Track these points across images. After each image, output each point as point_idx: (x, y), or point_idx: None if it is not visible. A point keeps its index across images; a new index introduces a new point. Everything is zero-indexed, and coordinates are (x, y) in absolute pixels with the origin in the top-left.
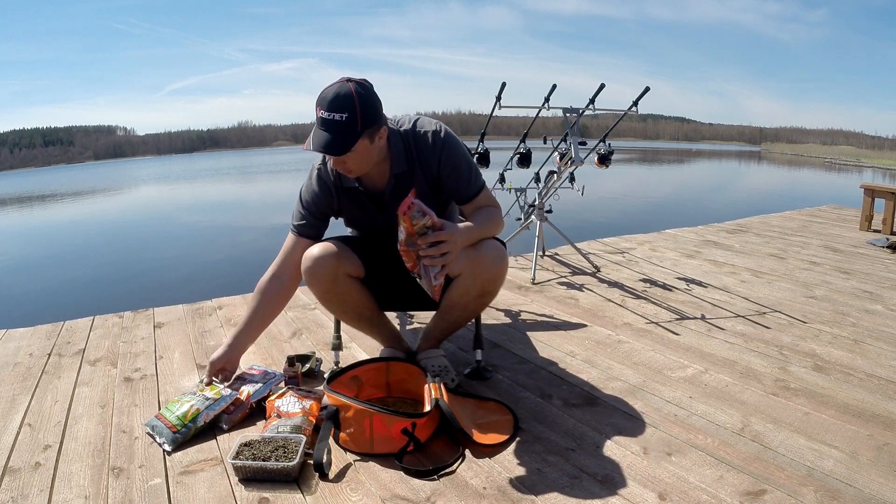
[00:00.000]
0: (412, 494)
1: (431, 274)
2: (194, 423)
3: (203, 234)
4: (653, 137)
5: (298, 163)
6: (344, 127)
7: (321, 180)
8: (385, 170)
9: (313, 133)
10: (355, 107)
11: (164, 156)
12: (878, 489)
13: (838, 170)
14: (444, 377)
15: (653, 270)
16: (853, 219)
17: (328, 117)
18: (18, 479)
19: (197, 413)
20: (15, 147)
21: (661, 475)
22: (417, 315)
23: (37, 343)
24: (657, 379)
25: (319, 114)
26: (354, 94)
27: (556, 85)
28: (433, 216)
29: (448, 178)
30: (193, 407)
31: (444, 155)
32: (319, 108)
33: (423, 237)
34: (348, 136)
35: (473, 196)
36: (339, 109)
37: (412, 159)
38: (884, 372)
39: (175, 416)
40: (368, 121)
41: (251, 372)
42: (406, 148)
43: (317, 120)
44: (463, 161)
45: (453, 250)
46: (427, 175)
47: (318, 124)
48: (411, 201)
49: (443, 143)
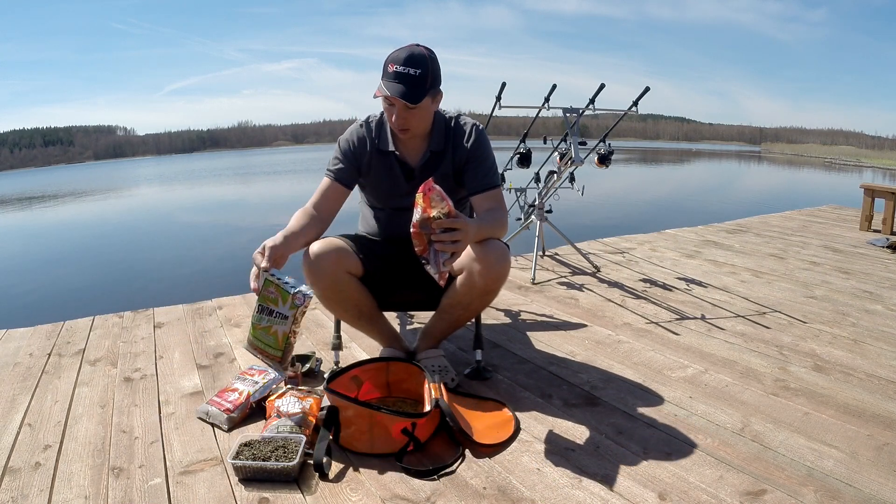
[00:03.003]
0: (412, 494)
1: (441, 260)
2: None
3: (203, 234)
4: (653, 137)
5: (298, 163)
6: (417, 81)
7: (360, 136)
8: (423, 144)
9: (385, 85)
10: (427, 66)
11: (164, 156)
12: (878, 489)
13: (838, 170)
14: (444, 377)
15: (653, 270)
16: (853, 219)
17: (404, 71)
18: (18, 479)
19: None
20: (15, 147)
21: (661, 475)
22: (417, 315)
23: (37, 343)
24: (657, 379)
25: (394, 69)
26: (427, 55)
27: (556, 85)
28: (450, 204)
29: (471, 164)
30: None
31: (476, 143)
32: (393, 65)
33: (438, 222)
34: (420, 89)
35: (487, 189)
36: (415, 65)
37: (449, 141)
38: (884, 372)
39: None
40: (436, 81)
41: (250, 373)
42: (447, 130)
43: (388, 74)
44: (490, 154)
45: (464, 240)
46: (457, 159)
47: (389, 78)
48: (432, 184)
49: (478, 133)
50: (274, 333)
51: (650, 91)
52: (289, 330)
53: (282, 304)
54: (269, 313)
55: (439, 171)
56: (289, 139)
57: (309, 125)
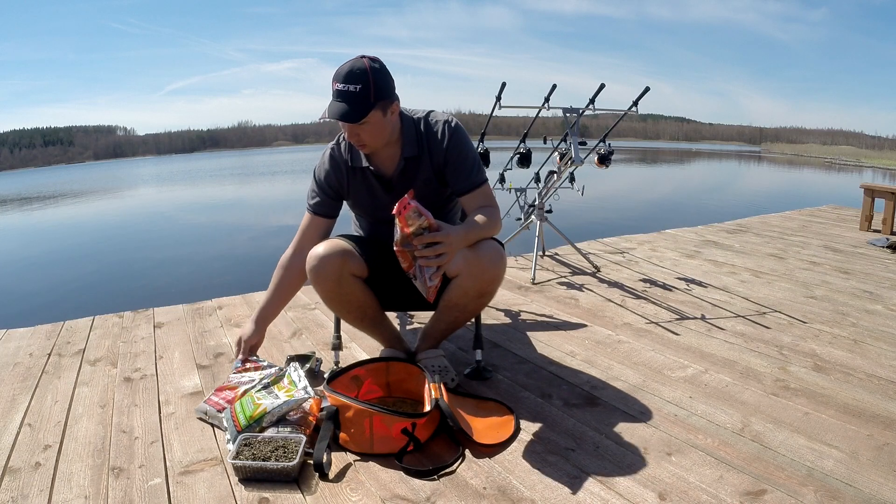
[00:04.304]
0: (412, 494)
1: (427, 275)
2: (258, 423)
3: (203, 234)
4: (653, 137)
5: (298, 163)
6: (358, 97)
7: (333, 159)
8: (396, 153)
9: (329, 105)
10: (369, 79)
11: (164, 156)
12: (878, 489)
13: (838, 170)
14: (444, 377)
15: (653, 270)
16: (853, 219)
17: (343, 88)
18: (18, 479)
19: (263, 413)
20: (15, 147)
21: (661, 475)
22: (417, 315)
23: (37, 343)
24: (657, 379)
25: (335, 87)
26: (368, 68)
27: (556, 85)
28: (430, 217)
29: (452, 165)
30: (261, 406)
31: (453, 142)
32: (335, 82)
33: (419, 237)
34: (362, 105)
35: (474, 188)
36: (354, 81)
37: (422, 145)
38: (884, 372)
39: (244, 416)
40: (381, 93)
41: (246, 368)
42: (417, 134)
43: (333, 93)
44: (469, 152)
45: (449, 251)
46: (434, 162)
47: (333, 97)
48: (408, 202)
49: (453, 131)
50: (257, 407)
51: (650, 91)
52: (269, 409)
53: (281, 392)
54: (267, 391)
55: (419, 177)
56: (289, 139)
57: (309, 125)
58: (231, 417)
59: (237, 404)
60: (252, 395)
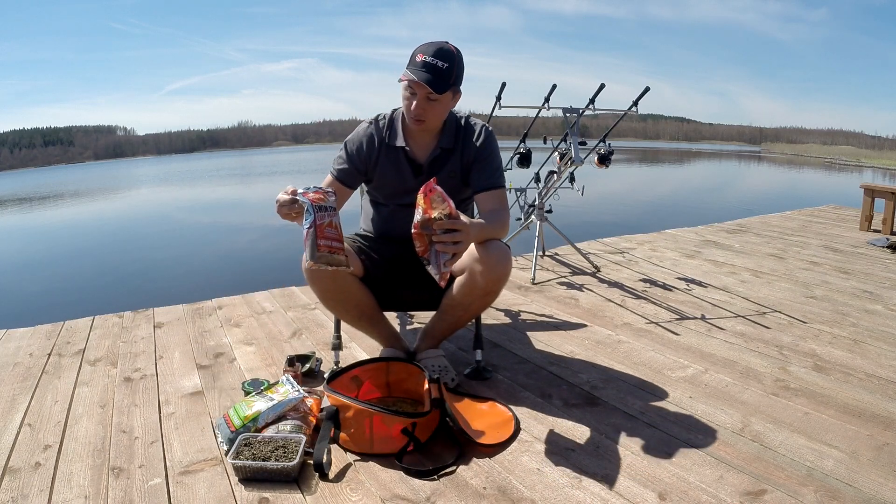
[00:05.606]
0: (412, 494)
1: (441, 261)
2: (254, 423)
3: (203, 234)
4: (653, 137)
5: (298, 163)
6: (444, 73)
7: (369, 134)
8: (433, 140)
9: (412, 71)
10: (454, 61)
11: (163, 156)
12: (878, 489)
13: (838, 170)
14: (444, 377)
15: (653, 270)
16: (853, 219)
17: (432, 62)
18: (18, 479)
19: (258, 414)
20: (15, 147)
21: (661, 475)
22: (417, 315)
23: (37, 343)
24: (657, 379)
25: (422, 58)
26: (455, 52)
27: (556, 85)
28: (451, 205)
29: (479, 163)
30: (255, 408)
31: (485, 143)
32: (422, 55)
33: (439, 222)
34: (444, 81)
35: (492, 188)
36: (443, 58)
37: (458, 139)
38: (884, 372)
39: (238, 418)
40: (458, 79)
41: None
42: (457, 128)
43: (415, 63)
44: (496, 155)
45: (465, 240)
46: (465, 158)
47: (417, 66)
48: (433, 185)
49: (488, 134)
50: (251, 407)
51: (650, 91)
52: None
53: (276, 395)
54: (261, 395)
55: (447, 168)
56: (289, 139)
57: (309, 125)
58: (224, 419)
59: (231, 409)
60: (245, 399)
